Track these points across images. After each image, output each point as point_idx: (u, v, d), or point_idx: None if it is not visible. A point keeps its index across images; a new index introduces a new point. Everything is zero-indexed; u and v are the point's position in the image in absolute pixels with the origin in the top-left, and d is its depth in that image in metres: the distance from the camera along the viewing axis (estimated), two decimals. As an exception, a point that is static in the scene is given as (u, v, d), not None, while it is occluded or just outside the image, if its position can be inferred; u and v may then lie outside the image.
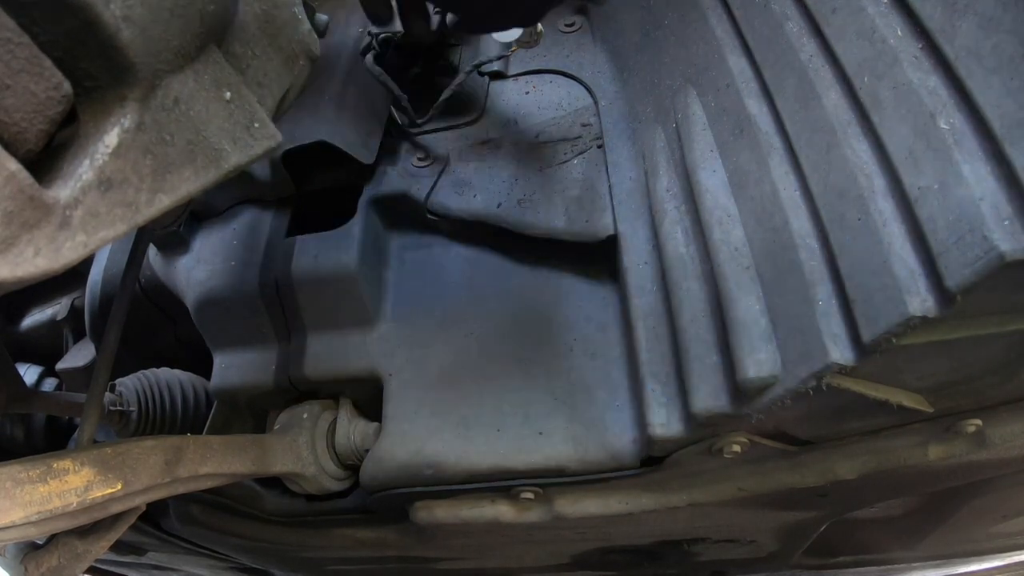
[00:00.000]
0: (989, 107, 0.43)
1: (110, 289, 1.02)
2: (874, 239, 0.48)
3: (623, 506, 0.77)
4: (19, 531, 0.51)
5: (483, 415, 0.77)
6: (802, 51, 0.58)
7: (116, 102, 0.37)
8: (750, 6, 0.66)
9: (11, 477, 0.49)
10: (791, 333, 0.54)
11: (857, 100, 0.52)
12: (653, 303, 0.71)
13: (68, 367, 1.20)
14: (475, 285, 0.86)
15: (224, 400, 0.92)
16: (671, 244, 0.68)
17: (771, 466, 0.73)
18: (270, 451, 0.79)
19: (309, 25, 0.54)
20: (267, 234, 0.89)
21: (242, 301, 0.86)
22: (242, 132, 0.45)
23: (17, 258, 0.31)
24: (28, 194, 0.30)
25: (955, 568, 1.50)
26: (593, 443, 0.72)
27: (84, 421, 0.65)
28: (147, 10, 0.35)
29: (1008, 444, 0.67)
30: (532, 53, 0.96)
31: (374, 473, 0.78)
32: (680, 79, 0.74)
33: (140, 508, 0.64)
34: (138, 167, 0.37)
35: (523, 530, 0.84)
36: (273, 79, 0.50)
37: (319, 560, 1.18)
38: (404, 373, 0.82)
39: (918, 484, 0.80)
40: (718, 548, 1.08)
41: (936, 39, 0.47)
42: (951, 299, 0.43)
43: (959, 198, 0.43)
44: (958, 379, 0.58)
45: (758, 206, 0.60)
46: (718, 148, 0.67)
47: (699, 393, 0.61)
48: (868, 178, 0.50)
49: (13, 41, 0.30)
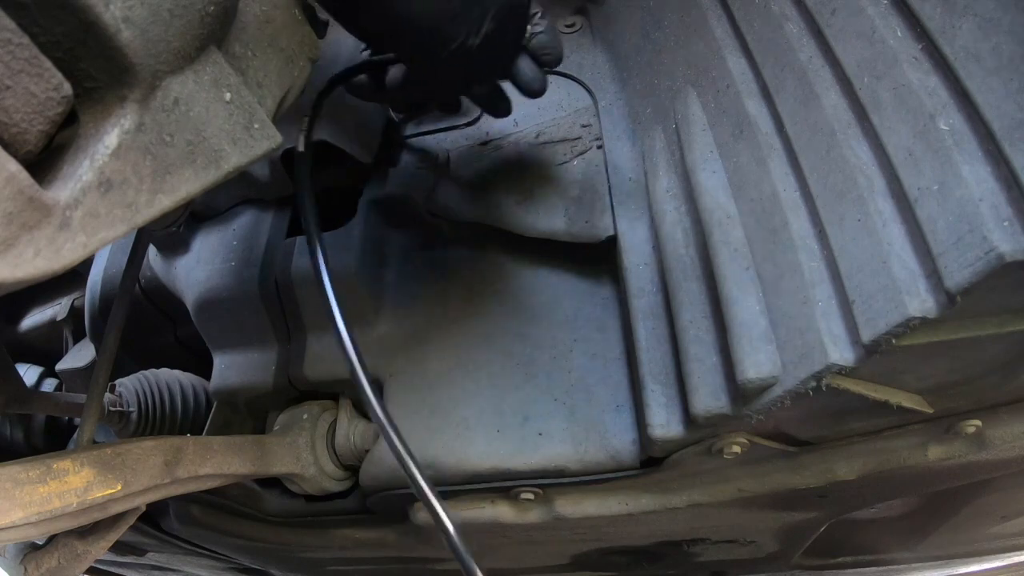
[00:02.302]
0: (989, 108, 0.43)
1: (110, 289, 1.02)
2: (874, 240, 0.48)
3: (623, 507, 0.77)
4: (19, 531, 0.51)
5: (483, 415, 0.77)
6: (802, 52, 0.58)
7: (116, 103, 0.37)
8: (750, 7, 0.66)
9: (11, 477, 0.49)
10: (791, 334, 0.54)
11: (857, 101, 0.52)
12: (653, 304, 0.71)
13: (68, 368, 1.19)
14: (475, 285, 0.86)
15: (224, 401, 0.92)
16: (671, 245, 0.68)
17: (771, 467, 0.73)
18: (270, 452, 0.79)
19: (309, 26, 0.54)
20: (267, 234, 0.89)
21: (242, 301, 0.86)
22: (242, 133, 0.45)
23: (17, 259, 0.31)
24: (28, 195, 0.30)
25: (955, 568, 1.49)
26: (593, 444, 0.72)
27: (84, 421, 0.65)
28: (147, 11, 0.35)
29: (1008, 445, 0.67)
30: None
31: (374, 474, 0.78)
32: (680, 80, 0.74)
33: (140, 509, 0.64)
34: (138, 168, 0.37)
35: (523, 531, 0.84)
36: (273, 80, 0.50)
37: (319, 560, 1.17)
38: (404, 373, 0.82)
39: (918, 485, 0.80)
40: (718, 549, 1.08)
41: (936, 40, 0.47)
42: (951, 300, 0.43)
43: (959, 199, 0.43)
44: (958, 380, 0.58)
45: (758, 207, 0.59)
46: (718, 149, 0.66)
47: (699, 394, 0.61)
48: (868, 179, 0.50)
49: (13, 41, 0.30)
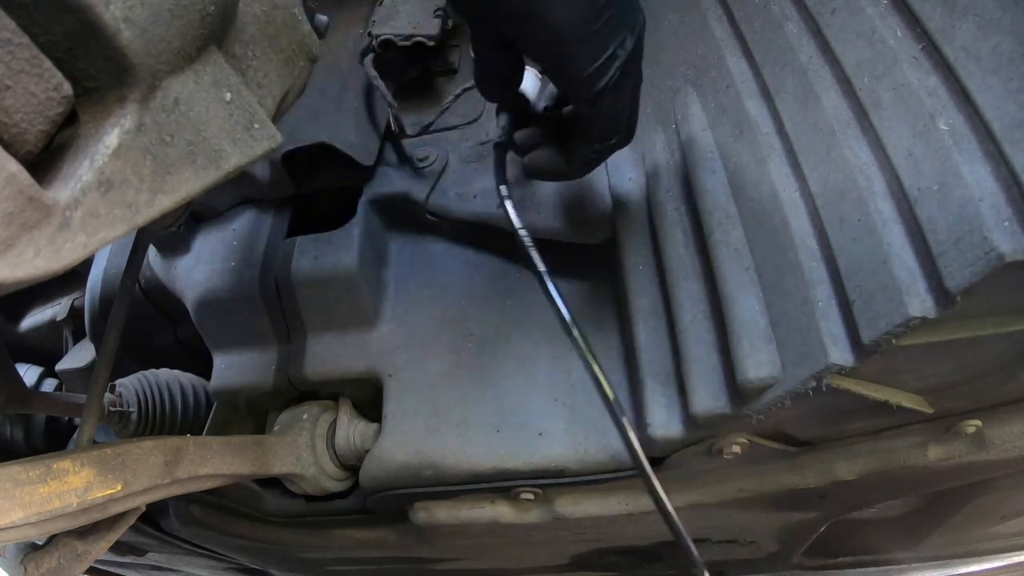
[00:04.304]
0: (989, 108, 0.43)
1: (110, 289, 1.02)
2: (874, 240, 0.48)
3: (623, 507, 0.77)
4: (19, 532, 0.50)
5: (483, 415, 0.77)
6: (802, 52, 0.58)
7: (116, 103, 0.37)
8: (750, 7, 0.66)
9: (11, 478, 0.49)
10: (791, 334, 0.54)
11: (857, 101, 0.52)
12: (653, 303, 0.71)
13: (68, 368, 1.19)
14: (475, 285, 0.86)
15: (224, 401, 0.92)
16: (671, 244, 0.68)
17: (771, 467, 0.73)
18: (270, 452, 0.79)
19: (309, 26, 0.54)
20: (267, 235, 0.89)
21: (242, 301, 0.86)
22: (242, 133, 0.45)
23: (17, 259, 0.31)
24: (28, 195, 0.30)
25: (955, 568, 1.49)
26: (593, 444, 0.72)
27: (84, 422, 0.65)
28: (148, 11, 0.35)
29: (1008, 445, 0.67)
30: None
31: (374, 474, 0.78)
32: (680, 80, 0.74)
33: (140, 509, 0.64)
34: (138, 168, 0.37)
35: (523, 531, 0.84)
36: (273, 80, 0.50)
37: (319, 560, 1.17)
38: (404, 373, 0.82)
39: (918, 485, 0.80)
40: (718, 549, 1.08)
41: (936, 40, 0.47)
42: (951, 300, 0.43)
43: (959, 199, 0.43)
44: (958, 380, 0.58)
45: (758, 206, 0.60)
46: (718, 149, 0.67)
47: (699, 394, 0.61)
48: (868, 179, 0.50)
49: (13, 42, 0.30)
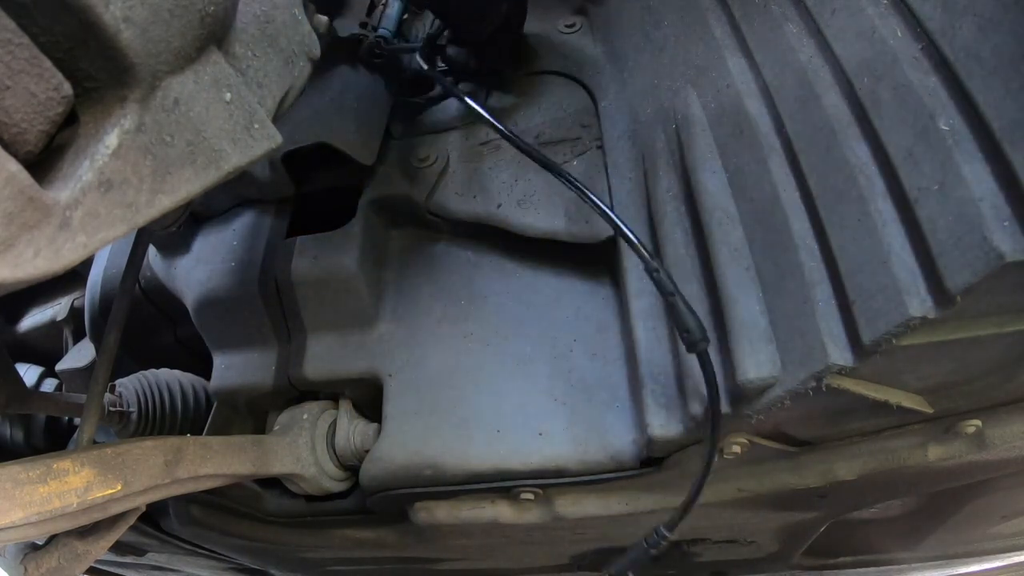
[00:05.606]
0: (989, 108, 0.43)
1: (110, 289, 1.02)
2: (874, 240, 0.48)
3: (623, 507, 0.77)
4: (19, 531, 0.51)
5: (483, 415, 0.77)
6: (801, 52, 0.58)
7: (116, 103, 0.37)
8: (750, 7, 0.66)
9: (11, 478, 0.49)
10: (791, 334, 0.54)
11: (857, 101, 0.52)
12: (653, 304, 0.71)
13: (68, 368, 1.19)
14: (475, 285, 0.86)
15: (224, 401, 0.92)
16: (671, 244, 0.68)
17: (771, 467, 0.73)
18: (270, 452, 0.79)
19: (309, 26, 0.55)
20: (267, 234, 0.89)
21: (242, 301, 0.86)
22: (242, 133, 0.45)
23: (17, 259, 0.31)
24: (28, 195, 0.30)
25: (955, 568, 1.49)
26: (593, 444, 0.72)
27: (84, 422, 0.65)
28: (147, 11, 0.35)
29: (1008, 445, 0.67)
30: (532, 54, 0.96)
31: (374, 474, 0.78)
32: (680, 80, 0.74)
33: (140, 509, 0.64)
34: (138, 168, 0.37)
35: (523, 531, 0.84)
36: (273, 80, 0.50)
37: (319, 560, 1.17)
38: (404, 373, 0.82)
39: (918, 485, 0.80)
40: (718, 549, 1.08)
41: (936, 40, 0.47)
42: (951, 300, 0.43)
43: (959, 199, 0.43)
44: (958, 380, 0.58)
45: (758, 207, 0.60)
46: (718, 149, 0.66)
47: (699, 394, 0.61)
48: (868, 179, 0.50)
49: (13, 42, 0.30)
